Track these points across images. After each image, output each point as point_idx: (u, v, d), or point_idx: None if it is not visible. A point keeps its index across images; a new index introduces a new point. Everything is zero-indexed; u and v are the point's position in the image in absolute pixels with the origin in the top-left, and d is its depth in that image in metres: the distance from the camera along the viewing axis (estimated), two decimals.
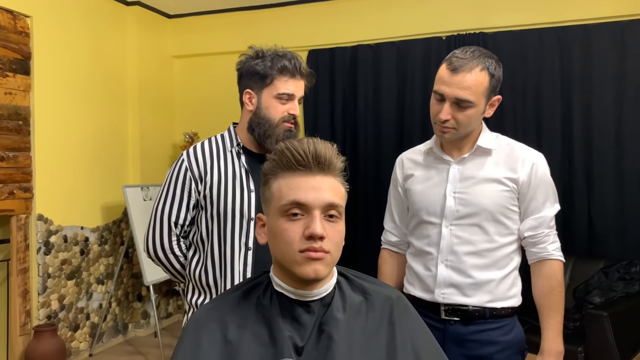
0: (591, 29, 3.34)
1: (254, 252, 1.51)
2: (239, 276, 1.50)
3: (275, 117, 1.53)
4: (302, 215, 0.92)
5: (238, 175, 1.55)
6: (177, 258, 1.59)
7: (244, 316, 0.96)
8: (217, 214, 1.52)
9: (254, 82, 1.55)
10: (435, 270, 1.49)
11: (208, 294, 1.55)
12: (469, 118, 1.43)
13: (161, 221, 1.57)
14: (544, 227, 1.48)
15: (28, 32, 3.29)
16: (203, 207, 1.55)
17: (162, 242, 1.58)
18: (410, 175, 1.60)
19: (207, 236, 1.54)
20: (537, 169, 1.48)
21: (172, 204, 1.57)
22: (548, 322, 1.47)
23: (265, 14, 4.18)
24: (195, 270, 1.56)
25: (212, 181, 1.53)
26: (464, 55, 1.41)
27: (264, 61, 1.53)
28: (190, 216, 1.57)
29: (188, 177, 1.55)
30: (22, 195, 3.24)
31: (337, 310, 0.97)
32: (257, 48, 1.57)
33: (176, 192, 1.57)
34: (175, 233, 1.58)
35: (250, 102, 1.56)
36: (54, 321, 3.42)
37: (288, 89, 1.53)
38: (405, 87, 3.77)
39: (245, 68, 1.57)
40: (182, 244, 1.60)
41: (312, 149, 0.93)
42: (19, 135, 3.24)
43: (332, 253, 0.93)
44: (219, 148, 1.60)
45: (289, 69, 1.53)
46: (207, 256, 1.54)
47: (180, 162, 1.59)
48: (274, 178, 0.96)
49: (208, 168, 1.55)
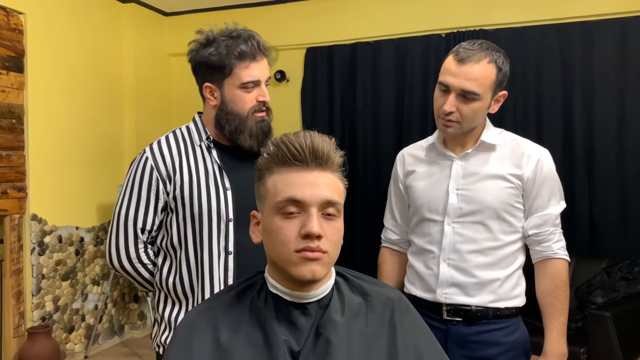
0: (592, 26, 3.30)
1: (235, 257, 1.37)
2: (220, 283, 1.36)
3: (244, 110, 1.38)
4: (298, 213, 0.88)
5: (211, 172, 1.40)
6: (145, 267, 1.44)
7: (237, 319, 0.92)
8: (191, 217, 1.37)
9: (211, 75, 1.38)
10: (437, 269, 1.45)
11: (184, 304, 1.40)
12: (474, 112, 1.39)
13: (125, 227, 1.41)
14: (549, 225, 1.44)
15: (22, 29, 3.24)
16: (173, 209, 1.39)
17: (128, 251, 1.41)
18: (411, 171, 1.56)
19: (179, 241, 1.39)
20: (542, 165, 1.44)
21: (138, 207, 1.40)
22: (552, 322, 1.43)
23: (262, 11, 4.14)
24: (167, 279, 1.41)
25: (182, 180, 1.38)
26: (471, 47, 1.38)
27: (218, 49, 1.35)
28: (158, 220, 1.42)
29: (155, 177, 1.39)
30: (15, 195, 3.20)
31: (335, 312, 0.92)
32: (206, 32, 1.39)
33: (141, 194, 1.40)
34: (142, 240, 1.42)
35: (212, 97, 1.41)
36: (49, 323, 3.37)
37: (252, 75, 1.36)
38: (405, 85, 3.73)
39: (198, 59, 1.39)
40: (149, 251, 1.45)
41: (308, 143, 0.89)
42: (13, 133, 3.19)
43: (330, 253, 0.89)
44: (186, 142, 1.43)
45: (248, 52, 1.35)
46: (181, 263, 1.39)
47: (144, 160, 1.41)
48: (269, 173, 0.92)
49: (177, 166, 1.39)
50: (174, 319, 1.40)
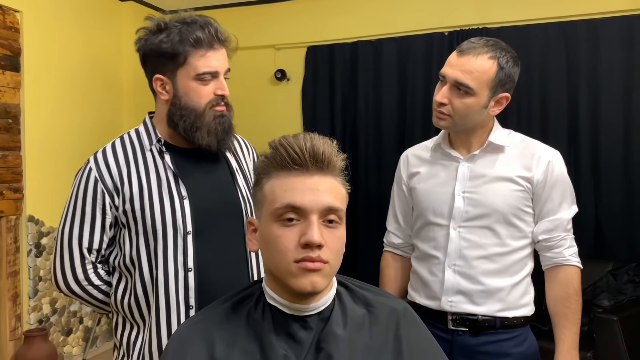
0: (598, 24, 3.25)
1: (196, 274, 1.21)
2: (178, 304, 1.21)
3: (201, 104, 1.23)
4: (297, 220, 0.83)
5: (164, 179, 1.24)
6: (97, 288, 1.29)
7: (233, 332, 0.87)
8: (144, 232, 1.21)
9: (163, 65, 1.23)
10: (441, 275, 1.39)
11: (141, 327, 1.25)
12: (467, 107, 1.33)
13: (70, 248, 1.26)
14: (560, 230, 1.38)
15: (18, 28, 3.19)
16: (125, 224, 1.24)
17: (76, 274, 1.27)
18: (415, 172, 1.50)
19: (132, 260, 1.24)
20: (553, 167, 1.38)
21: (82, 225, 1.25)
22: (563, 333, 1.37)
23: (262, 10, 4.09)
24: (122, 300, 1.26)
25: (132, 192, 1.22)
26: (477, 41, 1.34)
27: (170, 35, 1.21)
28: (108, 237, 1.27)
29: (100, 191, 1.24)
30: (11, 196, 3.15)
31: (337, 325, 0.87)
32: (157, 19, 1.26)
33: (86, 210, 1.25)
34: (90, 260, 1.27)
35: (163, 90, 1.26)
36: (46, 325, 3.32)
37: (209, 65, 1.22)
38: (407, 84, 3.68)
39: (148, 47, 1.24)
40: (101, 271, 1.30)
41: (309, 146, 0.84)
42: (9, 134, 3.14)
43: (331, 263, 0.84)
44: (135, 147, 1.29)
45: (204, 40, 1.22)
46: (136, 282, 1.24)
47: (87, 171, 1.27)
48: (267, 178, 0.87)
49: (124, 175, 1.24)
50: (132, 343, 1.26)
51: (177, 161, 1.28)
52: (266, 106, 4.01)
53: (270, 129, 3.75)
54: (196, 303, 1.21)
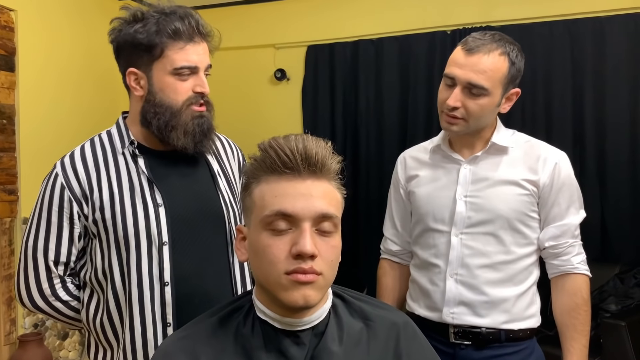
0: (603, 22, 3.20)
1: (174, 288, 1.12)
2: (154, 321, 1.12)
3: (177, 101, 1.15)
4: (289, 228, 0.77)
5: (137, 186, 1.16)
6: (66, 304, 1.21)
7: (220, 348, 0.81)
8: (115, 243, 1.13)
9: (137, 57, 1.15)
10: (443, 285, 1.33)
11: (115, 348, 1.16)
12: (482, 109, 1.27)
13: (34, 261, 1.17)
14: (568, 237, 1.32)
15: (12, 27, 3.15)
16: (95, 235, 1.16)
17: (41, 289, 1.18)
18: (414, 175, 1.44)
19: (104, 273, 1.16)
20: (560, 169, 1.32)
21: (48, 236, 1.17)
22: (572, 345, 1.31)
23: (263, 8, 4.05)
24: (95, 318, 1.18)
25: (102, 199, 1.14)
26: (482, 37, 1.26)
27: (146, 25, 1.13)
28: (77, 249, 1.19)
29: (66, 198, 1.16)
30: (6, 198, 3.10)
31: (333, 341, 0.81)
32: (134, 8, 1.18)
33: (51, 220, 1.17)
34: (58, 274, 1.18)
35: (137, 85, 1.18)
36: (41, 330, 3.28)
37: (188, 59, 1.14)
38: (409, 84, 3.64)
39: (122, 38, 1.17)
40: (69, 286, 1.22)
41: (301, 148, 0.78)
42: (3, 134, 3.10)
43: (325, 274, 0.78)
44: (106, 150, 1.20)
45: (183, 31, 1.14)
46: (109, 298, 1.15)
47: (53, 178, 1.19)
48: (256, 182, 0.81)
49: (94, 182, 1.16)
50: None
51: (151, 165, 1.20)
52: (266, 106, 3.97)
53: (270, 130, 3.70)
54: (174, 320, 1.13)
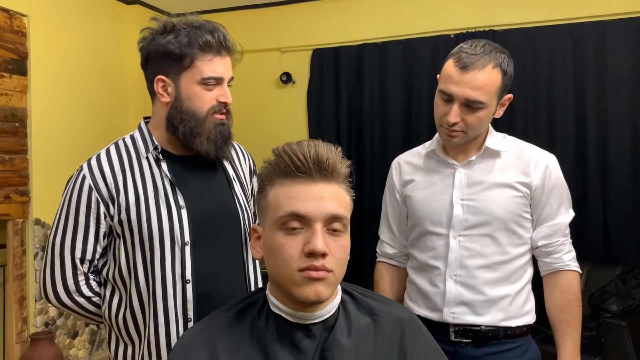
0: (606, 26, 3.23)
1: (194, 285, 1.18)
2: (177, 318, 1.18)
3: (203, 109, 1.21)
4: (301, 228, 0.82)
5: (161, 188, 1.21)
6: (89, 300, 1.26)
7: (236, 341, 0.86)
8: (140, 242, 1.18)
9: (167, 66, 1.21)
10: (443, 286, 1.36)
11: (136, 342, 1.22)
12: (480, 120, 1.31)
13: (62, 258, 1.22)
14: (559, 235, 1.37)
15: (25, 32, 3.21)
16: (120, 235, 1.21)
17: (67, 285, 1.23)
18: (409, 180, 1.47)
19: (129, 271, 1.20)
20: (550, 171, 1.36)
21: (75, 234, 1.21)
22: (565, 339, 1.35)
23: (268, 12, 4.09)
24: (117, 314, 1.22)
25: (128, 201, 1.19)
26: (474, 51, 1.28)
27: (178, 37, 1.19)
28: (101, 248, 1.23)
29: (94, 199, 1.20)
30: (18, 199, 3.16)
31: (342, 334, 0.86)
32: (164, 20, 1.23)
33: (79, 219, 1.20)
34: (83, 271, 1.23)
35: (165, 92, 1.23)
36: (52, 328, 3.33)
37: (215, 70, 1.20)
38: (413, 87, 3.67)
39: (153, 47, 1.22)
40: (92, 282, 1.26)
41: (313, 153, 0.83)
42: (16, 137, 3.16)
43: (336, 272, 0.83)
44: (131, 155, 1.25)
45: (213, 44, 1.20)
46: (132, 296, 1.20)
47: (81, 179, 1.22)
48: (271, 185, 0.86)
49: (120, 184, 1.20)
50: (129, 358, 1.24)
51: (174, 169, 1.25)
52: (271, 109, 4.01)
53: (276, 133, 3.75)
54: (194, 315, 1.18)
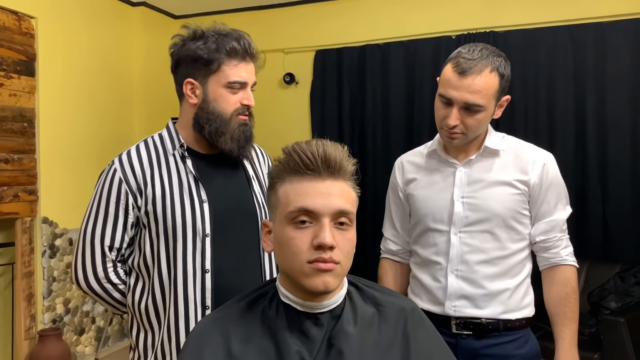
0: (605, 27, 3.26)
1: (213, 275, 1.26)
2: (196, 306, 1.25)
3: (228, 111, 1.29)
4: (310, 223, 0.87)
5: (185, 183, 1.29)
6: (115, 287, 1.33)
7: (248, 329, 0.91)
8: (164, 233, 1.26)
9: (196, 70, 1.29)
10: (444, 281, 1.41)
11: (156, 330, 1.29)
12: (479, 122, 1.36)
13: (92, 246, 1.30)
14: (557, 231, 1.41)
15: (33, 34, 3.26)
16: (145, 225, 1.29)
17: (96, 271, 1.30)
18: (412, 179, 1.52)
19: (152, 259, 1.28)
20: (548, 169, 1.41)
21: (105, 224, 1.30)
22: (563, 331, 1.39)
23: (272, 14, 4.14)
24: (140, 302, 1.30)
25: (154, 194, 1.27)
26: (471, 56, 1.32)
27: (207, 43, 1.28)
28: (129, 237, 1.31)
29: (123, 191, 1.29)
30: (26, 198, 3.21)
31: (348, 323, 0.91)
32: (193, 27, 1.32)
33: (109, 209, 1.29)
34: (111, 259, 1.31)
35: (193, 94, 1.31)
36: (59, 325, 3.38)
37: (240, 75, 1.29)
38: (415, 88, 3.71)
39: (183, 52, 1.30)
40: (119, 270, 1.34)
41: (321, 152, 0.87)
42: (24, 137, 3.21)
43: (343, 264, 0.87)
44: (159, 151, 1.34)
45: (239, 51, 1.29)
46: (154, 284, 1.28)
47: (112, 172, 1.32)
48: (281, 182, 0.91)
49: (148, 177, 1.29)
50: (149, 346, 1.31)
51: (198, 166, 1.33)
52: (275, 110, 4.05)
53: (279, 132, 3.79)
54: (212, 304, 1.26)
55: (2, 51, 3.06)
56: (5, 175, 3.08)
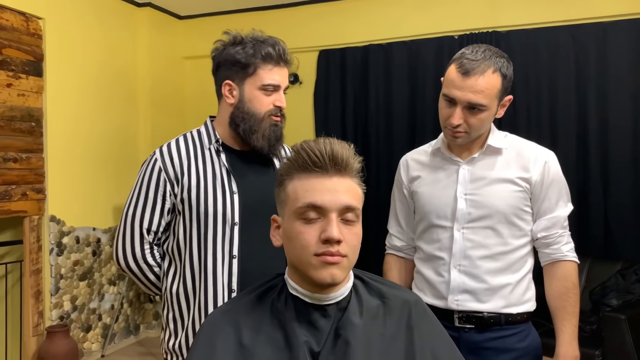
0: (606, 27, 3.29)
1: (239, 261, 1.37)
2: (223, 288, 1.36)
3: (261, 111, 1.40)
4: (318, 218, 0.90)
5: (218, 175, 1.41)
6: (151, 268, 1.45)
7: (258, 320, 0.94)
8: (197, 219, 1.38)
9: (234, 72, 1.41)
10: (447, 275, 1.44)
11: (186, 312, 1.40)
12: (482, 121, 1.39)
13: (132, 227, 1.43)
14: (558, 228, 1.44)
15: (40, 34, 3.30)
16: (180, 211, 1.40)
17: (134, 251, 1.43)
18: (416, 177, 1.55)
19: (185, 243, 1.40)
20: (549, 167, 1.44)
21: (144, 208, 1.42)
22: (564, 325, 1.42)
23: (276, 15, 4.17)
24: (172, 285, 1.42)
25: (190, 183, 1.39)
26: (474, 57, 1.36)
27: (245, 48, 1.39)
28: (165, 222, 1.43)
29: (162, 179, 1.41)
30: (34, 197, 3.26)
31: (354, 314, 0.94)
32: (234, 33, 1.44)
33: (149, 195, 1.42)
34: (148, 241, 1.43)
35: (230, 95, 1.43)
36: (67, 322, 3.43)
37: (273, 79, 1.40)
38: (417, 87, 3.74)
39: (223, 56, 1.42)
40: (156, 253, 1.45)
41: (328, 150, 0.91)
42: (32, 136, 3.25)
43: (349, 257, 0.91)
44: (196, 145, 1.45)
45: (274, 56, 1.40)
46: (185, 266, 1.39)
47: (153, 161, 1.43)
48: (289, 179, 0.94)
49: (185, 168, 1.41)
50: (180, 326, 1.42)
51: (231, 160, 1.44)
52: None
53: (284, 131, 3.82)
54: (238, 287, 1.37)
55: (11, 52, 3.10)
56: (13, 174, 3.13)
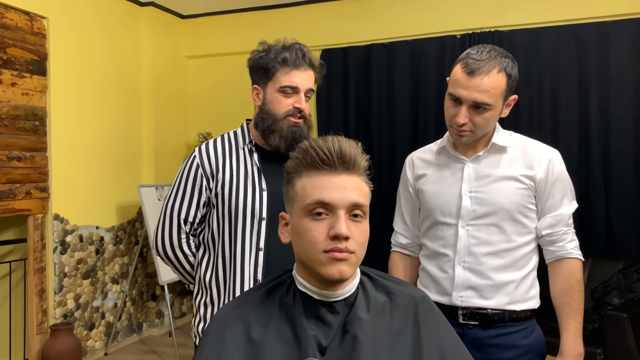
0: (608, 26, 3.30)
1: (265, 254, 1.47)
2: (249, 278, 1.46)
3: (279, 112, 1.49)
4: (326, 214, 0.91)
5: (250, 173, 1.52)
6: (186, 257, 1.57)
7: (267, 315, 0.95)
8: (229, 213, 1.49)
9: (259, 77, 1.52)
10: (452, 272, 1.46)
11: (216, 298, 1.51)
12: (487, 120, 1.40)
13: (171, 218, 1.55)
14: (562, 225, 1.45)
15: (44, 34, 3.32)
16: (214, 205, 1.52)
17: (172, 240, 1.56)
18: (422, 175, 1.57)
19: (218, 235, 1.51)
20: (553, 165, 1.45)
21: (183, 201, 1.55)
22: (568, 322, 1.43)
23: (279, 14, 4.18)
24: (205, 274, 1.53)
25: (224, 179, 1.51)
26: (480, 57, 1.37)
27: (268, 54, 1.50)
28: (201, 214, 1.55)
29: (199, 174, 1.53)
30: (38, 195, 3.27)
31: (361, 310, 0.96)
32: (266, 43, 1.53)
33: (187, 189, 1.54)
34: (185, 230, 1.55)
35: (257, 98, 1.54)
36: (70, 320, 3.44)
37: (291, 81, 1.48)
38: (420, 86, 3.75)
39: (252, 63, 1.55)
40: (191, 242, 1.58)
41: (336, 148, 0.92)
42: (36, 135, 3.27)
43: (357, 253, 0.92)
44: (232, 145, 1.57)
45: (291, 60, 1.48)
46: (217, 257, 1.51)
47: (192, 158, 1.56)
48: (298, 177, 0.95)
49: (220, 165, 1.53)
50: (209, 313, 1.53)
51: (263, 160, 1.54)
52: None
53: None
54: (262, 278, 1.45)
55: (15, 51, 3.11)
56: (17, 172, 3.14)
